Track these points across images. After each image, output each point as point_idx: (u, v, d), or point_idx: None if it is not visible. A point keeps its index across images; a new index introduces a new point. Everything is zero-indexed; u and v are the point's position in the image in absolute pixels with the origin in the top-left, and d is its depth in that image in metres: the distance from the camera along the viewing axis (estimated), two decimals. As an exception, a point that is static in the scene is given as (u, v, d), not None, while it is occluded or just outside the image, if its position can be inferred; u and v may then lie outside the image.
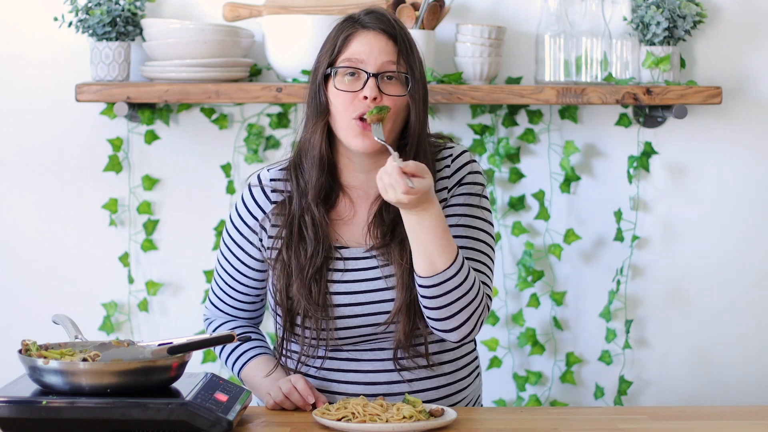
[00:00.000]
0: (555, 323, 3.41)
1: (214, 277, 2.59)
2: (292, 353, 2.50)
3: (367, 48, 2.39)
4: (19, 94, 3.37)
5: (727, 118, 3.39)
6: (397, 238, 2.42)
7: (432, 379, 2.49)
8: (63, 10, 3.30)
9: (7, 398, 2.12)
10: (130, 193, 3.38)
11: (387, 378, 2.46)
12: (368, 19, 2.42)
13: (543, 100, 3.20)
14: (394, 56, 2.39)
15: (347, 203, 2.48)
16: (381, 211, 2.45)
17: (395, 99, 2.39)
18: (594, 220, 3.41)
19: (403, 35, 2.42)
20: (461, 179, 2.48)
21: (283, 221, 2.47)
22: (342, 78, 2.40)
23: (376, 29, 2.41)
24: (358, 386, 2.46)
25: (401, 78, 2.40)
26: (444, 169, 2.49)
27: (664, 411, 2.44)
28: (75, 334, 2.31)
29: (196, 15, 3.35)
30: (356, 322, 2.44)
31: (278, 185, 2.50)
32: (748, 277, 3.42)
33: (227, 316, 2.59)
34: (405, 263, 2.40)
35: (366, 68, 2.38)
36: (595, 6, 3.30)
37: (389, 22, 2.42)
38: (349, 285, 2.45)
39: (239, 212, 2.53)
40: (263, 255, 2.51)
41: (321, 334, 2.44)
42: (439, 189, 2.47)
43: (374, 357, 2.47)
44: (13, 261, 3.40)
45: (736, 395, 3.42)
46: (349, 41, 2.40)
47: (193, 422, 2.11)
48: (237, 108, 3.38)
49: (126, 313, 3.40)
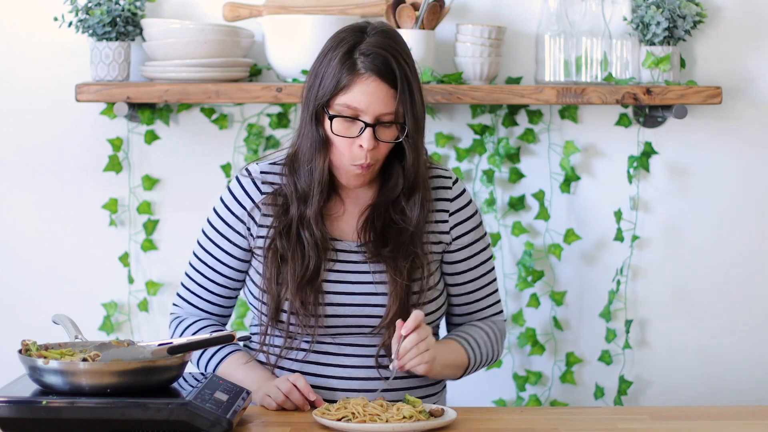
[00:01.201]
0: (555, 323, 3.41)
1: (189, 272, 2.58)
2: (272, 347, 2.51)
3: (366, 98, 2.38)
4: (19, 94, 3.37)
5: (727, 118, 3.39)
6: (393, 252, 2.47)
7: (407, 380, 2.52)
8: (63, 10, 3.30)
9: (7, 398, 2.12)
10: (130, 193, 3.38)
11: (364, 374, 2.49)
12: (369, 62, 2.38)
13: (543, 100, 3.20)
14: (393, 104, 2.39)
15: (338, 201, 2.52)
16: (373, 219, 2.49)
17: (389, 144, 2.43)
18: (594, 220, 3.41)
19: (404, 75, 2.39)
20: (464, 206, 2.56)
21: (277, 212, 2.49)
22: (339, 121, 2.40)
23: (376, 77, 2.38)
24: (335, 380, 2.48)
25: (398, 124, 2.42)
26: (445, 189, 2.54)
27: (664, 411, 2.44)
28: (75, 334, 2.31)
29: (196, 15, 3.35)
30: (345, 311, 2.47)
31: (269, 177, 2.52)
32: (748, 277, 3.42)
33: (199, 313, 2.58)
34: (400, 280, 2.45)
35: (364, 118, 2.39)
36: (595, 6, 3.30)
37: (389, 65, 2.38)
38: (341, 275, 2.48)
39: (225, 202, 2.55)
40: (249, 244, 2.52)
41: (310, 320, 2.45)
42: (438, 209, 2.54)
43: (355, 352, 2.49)
44: (13, 261, 3.40)
45: (737, 395, 3.42)
46: (350, 87, 2.38)
47: (193, 422, 2.11)
48: (237, 108, 3.38)
49: (126, 313, 3.40)
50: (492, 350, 2.57)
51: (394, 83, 2.38)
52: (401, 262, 2.45)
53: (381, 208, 2.48)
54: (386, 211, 2.48)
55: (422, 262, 2.47)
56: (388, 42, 2.41)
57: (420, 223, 2.47)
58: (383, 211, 2.48)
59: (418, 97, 2.41)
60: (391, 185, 2.48)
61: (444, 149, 3.38)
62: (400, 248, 2.46)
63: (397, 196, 2.47)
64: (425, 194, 2.48)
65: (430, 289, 2.50)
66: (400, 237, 2.47)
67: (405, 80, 2.39)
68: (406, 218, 2.47)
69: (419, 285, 2.48)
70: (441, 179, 2.55)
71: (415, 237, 2.47)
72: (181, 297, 2.60)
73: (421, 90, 2.44)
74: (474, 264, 2.58)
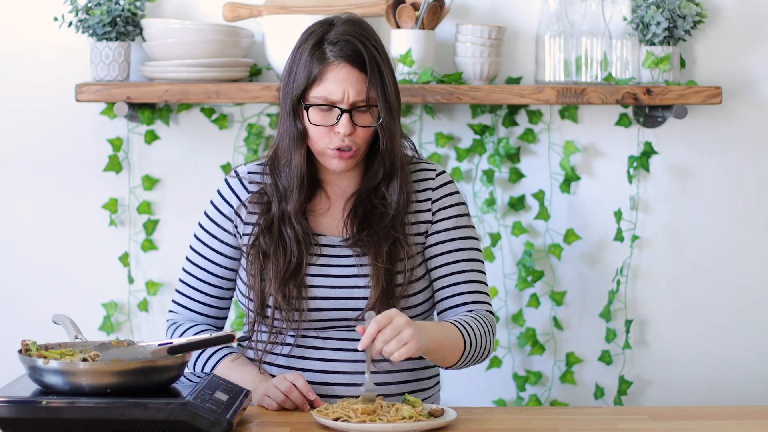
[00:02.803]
0: (555, 323, 3.41)
1: (182, 277, 2.61)
2: (258, 342, 2.52)
3: (339, 86, 2.42)
4: (19, 94, 3.37)
5: (727, 118, 3.39)
6: (374, 236, 2.49)
7: (393, 374, 2.51)
8: (63, 10, 3.30)
9: (7, 398, 2.12)
10: (130, 193, 3.38)
11: (350, 368, 2.49)
12: (338, 50, 2.43)
13: (543, 100, 3.20)
14: (365, 88, 2.43)
15: (323, 196, 2.55)
16: (356, 207, 2.52)
17: (369, 129, 2.46)
18: (594, 220, 3.41)
19: (373, 59, 2.44)
20: (446, 195, 2.56)
21: (262, 210, 2.52)
22: (315, 111, 2.45)
23: (346, 63, 2.42)
24: (320, 374, 2.49)
25: (374, 107, 2.45)
26: (428, 180, 2.56)
27: (664, 411, 2.44)
28: (75, 334, 2.31)
29: (196, 15, 3.35)
30: (329, 305, 2.48)
31: (256, 177, 2.56)
32: (748, 277, 3.42)
33: (195, 317, 2.60)
34: (380, 263, 2.46)
35: (339, 105, 2.43)
36: (595, 6, 3.30)
37: (357, 50, 2.43)
38: (324, 269, 2.49)
39: (214, 203, 2.59)
40: (238, 242, 2.54)
41: (294, 315, 2.46)
42: (422, 200, 2.55)
43: (340, 346, 2.50)
44: (13, 261, 3.40)
45: (736, 395, 3.42)
46: (322, 77, 2.43)
47: (193, 422, 2.11)
48: (237, 108, 3.38)
49: (126, 313, 3.40)
50: (485, 341, 2.50)
51: (364, 67, 2.43)
52: (382, 246, 2.46)
53: (363, 196, 2.52)
54: (368, 198, 2.52)
55: (403, 245, 2.49)
56: (355, 29, 2.47)
57: (400, 207, 2.50)
58: (365, 199, 2.52)
59: (389, 81, 2.46)
60: (371, 173, 2.52)
61: (444, 149, 3.38)
62: (380, 232, 2.48)
63: (378, 183, 2.51)
64: (405, 178, 2.51)
65: (416, 280, 2.51)
66: (381, 222, 2.50)
67: (374, 63, 2.43)
68: (386, 203, 2.51)
69: (403, 275, 2.48)
70: (425, 171, 2.58)
71: (396, 221, 2.50)
72: (176, 302, 2.62)
73: (393, 75, 2.48)
74: (453, 248, 2.54)
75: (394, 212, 2.50)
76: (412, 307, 2.50)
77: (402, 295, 2.48)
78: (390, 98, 2.46)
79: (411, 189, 2.54)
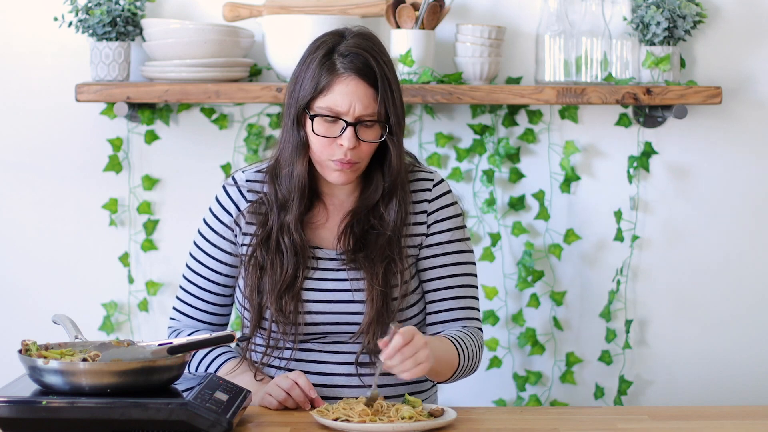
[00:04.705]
0: (555, 323, 3.41)
1: (183, 284, 2.61)
2: (257, 346, 2.53)
3: (346, 99, 2.40)
4: (19, 94, 3.37)
5: (727, 118, 3.39)
6: (369, 256, 2.47)
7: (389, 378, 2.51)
8: (63, 10, 3.30)
9: (7, 398, 2.12)
10: (130, 193, 3.38)
11: (345, 370, 2.49)
12: (348, 62, 2.41)
13: (543, 100, 3.20)
14: (374, 103, 2.41)
15: (321, 208, 2.54)
16: (353, 225, 2.50)
17: (372, 144, 2.44)
18: (594, 220, 3.41)
19: (384, 75, 2.42)
20: (443, 207, 2.55)
21: (260, 221, 2.51)
22: (320, 122, 2.42)
23: (356, 76, 2.40)
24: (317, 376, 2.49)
25: (380, 123, 2.43)
26: (425, 191, 2.55)
27: (664, 411, 2.44)
28: (75, 334, 2.31)
29: (196, 15, 3.35)
30: (325, 319, 2.48)
31: (254, 186, 2.55)
32: (748, 276, 3.42)
33: (196, 324, 2.60)
34: (376, 284, 2.45)
35: (345, 117, 2.41)
36: (595, 6, 3.30)
37: (368, 64, 2.41)
38: (320, 282, 2.49)
39: (213, 211, 2.58)
40: (237, 250, 2.54)
41: (290, 329, 2.47)
42: (418, 212, 2.54)
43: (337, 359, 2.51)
44: (13, 261, 3.40)
45: (737, 395, 3.42)
46: (329, 88, 2.41)
47: (193, 422, 2.11)
48: (237, 108, 3.38)
49: (126, 313, 3.40)
50: (474, 358, 2.52)
51: (373, 82, 2.41)
52: (377, 267, 2.45)
53: (361, 214, 2.50)
54: (366, 217, 2.50)
55: (399, 267, 2.48)
56: (367, 43, 2.44)
57: (397, 227, 2.49)
58: (363, 217, 2.50)
59: (398, 97, 2.44)
60: (371, 190, 2.50)
61: (444, 149, 3.38)
62: (377, 252, 2.47)
63: (376, 201, 2.49)
64: (404, 197, 2.50)
65: (410, 293, 2.51)
66: (377, 241, 2.48)
67: (385, 80, 2.42)
68: (384, 223, 2.49)
69: (397, 290, 2.48)
70: (423, 182, 2.56)
71: (392, 241, 2.49)
72: (177, 309, 2.62)
73: (401, 91, 2.47)
74: (447, 262, 2.54)
75: (391, 232, 2.49)
76: (407, 319, 2.51)
77: (396, 309, 2.48)
78: (399, 114, 2.44)
79: (409, 209, 2.52)
